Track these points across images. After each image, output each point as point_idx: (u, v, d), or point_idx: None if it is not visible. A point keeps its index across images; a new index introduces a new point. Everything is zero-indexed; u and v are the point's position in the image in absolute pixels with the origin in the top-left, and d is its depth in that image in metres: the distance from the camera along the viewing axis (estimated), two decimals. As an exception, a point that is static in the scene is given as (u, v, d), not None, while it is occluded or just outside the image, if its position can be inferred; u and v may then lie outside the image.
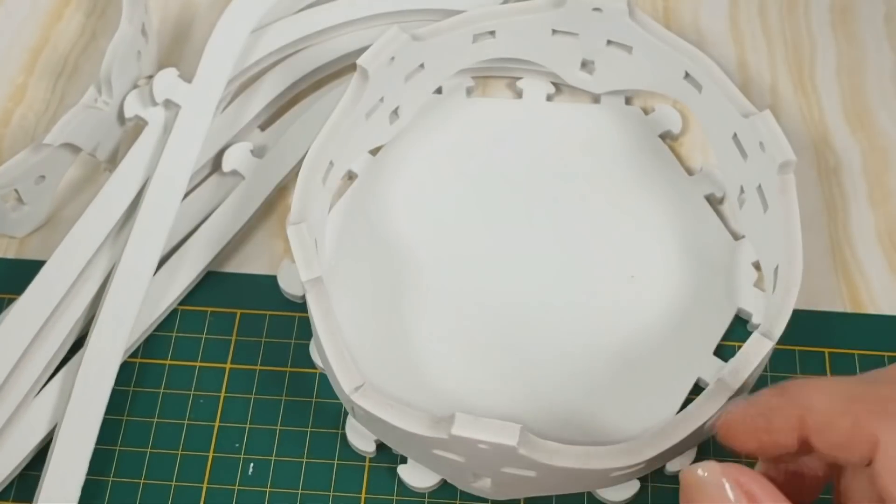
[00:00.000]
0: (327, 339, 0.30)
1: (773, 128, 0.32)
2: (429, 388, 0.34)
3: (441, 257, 0.36)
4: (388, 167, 0.38)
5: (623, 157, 0.38)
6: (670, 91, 0.37)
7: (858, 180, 0.38)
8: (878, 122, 0.40)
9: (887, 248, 0.37)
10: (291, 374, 0.35)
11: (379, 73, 0.34)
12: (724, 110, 0.34)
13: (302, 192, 0.32)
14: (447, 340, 0.34)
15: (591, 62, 0.38)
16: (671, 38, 0.35)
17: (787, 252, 0.31)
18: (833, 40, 0.42)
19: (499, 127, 0.39)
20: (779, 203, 0.32)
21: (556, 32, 0.37)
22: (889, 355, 0.35)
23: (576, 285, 0.35)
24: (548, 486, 0.31)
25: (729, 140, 0.34)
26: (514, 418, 0.33)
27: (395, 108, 0.37)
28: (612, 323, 0.35)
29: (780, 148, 0.32)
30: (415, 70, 0.36)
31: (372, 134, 0.37)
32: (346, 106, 0.34)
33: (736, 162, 0.35)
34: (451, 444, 0.28)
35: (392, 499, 0.33)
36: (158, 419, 0.34)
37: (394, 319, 0.35)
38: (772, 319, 0.30)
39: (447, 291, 0.35)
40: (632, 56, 0.37)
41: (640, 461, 0.28)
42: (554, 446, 0.28)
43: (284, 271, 0.36)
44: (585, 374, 0.34)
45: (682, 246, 0.36)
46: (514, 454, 0.27)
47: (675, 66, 0.35)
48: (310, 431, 0.34)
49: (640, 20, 0.36)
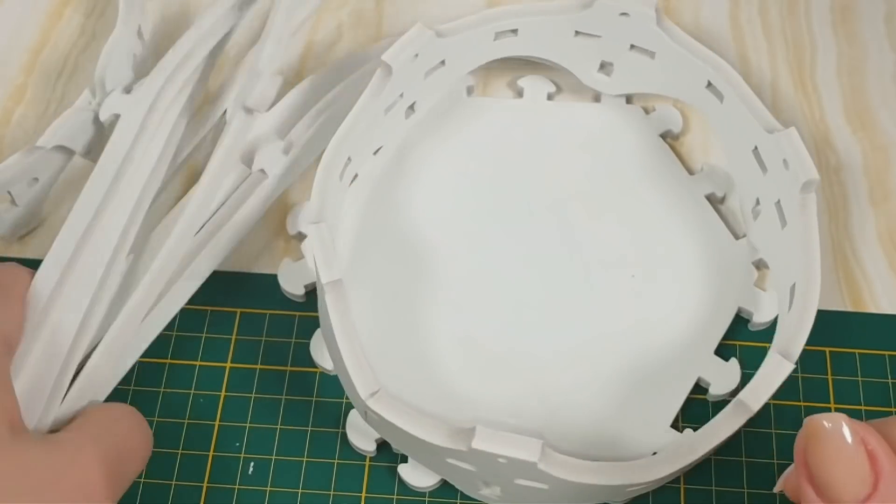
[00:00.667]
0: (344, 343, 0.29)
1: (798, 146, 0.32)
2: (442, 394, 0.33)
3: (448, 259, 0.36)
4: (392, 167, 0.38)
5: (624, 157, 0.38)
6: (689, 98, 0.36)
7: (859, 180, 0.38)
8: (879, 122, 0.40)
9: (888, 247, 0.37)
10: (292, 373, 0.35)
11: (402, 69, 0.34)
12: (746, 123, 0.34)
13: (321, 190, 0.31)
14: (460, 345, 0.34)
15: (610, 64, 0.38)
16: (697, 48, 0.35)
17: (806, 272, 0.31)
18: (834, 40, 0.42)
19: (499, 126, 0.39)
20: (798, 221, 0.32)
21: (578, 34, 0.37)
22: (890, 354, 0.35)
23: (577, 286, 0.35)
24: (559, 498, 0.30)
25: (748, 153, 0.34)
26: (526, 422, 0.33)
27: (412, 103, 0.37)
28: (612, 323, 0.35)
29: (805, 167, 0.32)
30: (435, 66, 0.36)
31: (389, 129, 0.37)
32: (366, 101, 0.34)
33: (754, 175, 0.34)
34: (468, 455, 0.28)
35: (392, 498, 0.33)
36: (159, 418, 0.34)
37: (407, 323, 0.35)
38: (789, 339, 0.30)
39: (455, 293, 0.35)
40: (654, 61, 0.36)
41: (656, 478, 0.28)
42: (573, 462, 0.27)
43: (285, 270, 0.36)
44: (590, 374, 0.34)
45: (682, 245, 0.36)
46: (533, 469, 0.27)
47: (697, 74, 0.35)
48: (310, 431, 0.34)
49: (667, 28, 0.35)
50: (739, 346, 0.35)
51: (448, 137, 0.39)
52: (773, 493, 0.31)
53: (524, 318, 0.35)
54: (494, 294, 0.35)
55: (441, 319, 0.35)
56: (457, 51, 0.36)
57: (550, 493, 0.29)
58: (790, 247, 0.32)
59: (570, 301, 0.35)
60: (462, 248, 0.36)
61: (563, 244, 0.36)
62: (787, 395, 0.34)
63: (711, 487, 0.33)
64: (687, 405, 0.34)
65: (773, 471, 0.33)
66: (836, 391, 0.34)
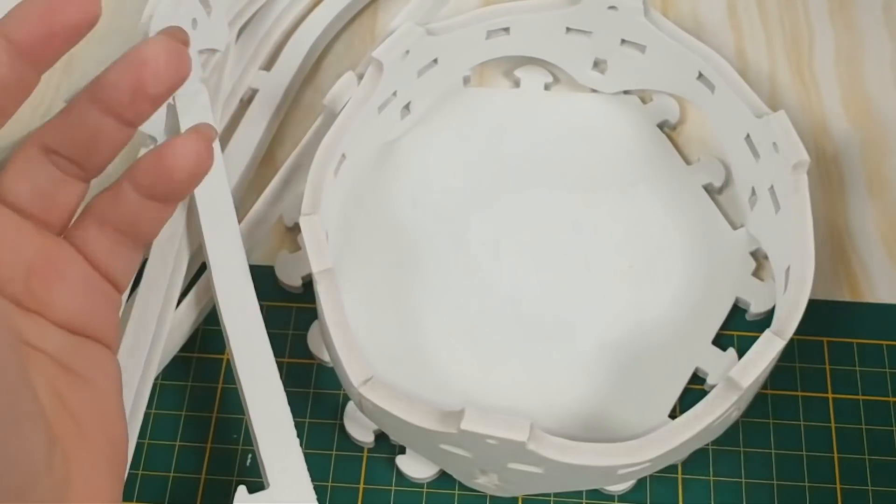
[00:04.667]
0: (336, 332, 0.30)
1: (787, 128, 0.32)
2: (436, 382, 0.34)
3: (443, 248, 0.36)
4: (387, 158, 0.38)
5: (621, 147, 0.38)
6: (683, 91, 0.36)
7: (857, 169, 0.38)
8: (877, 111, 0.39)
9: (886, 236, 0.37)
10: (289, 364, 0.35)
11: (393, 66, 0.34)
12: (738, 111, 0.34)
13: (314, 184, 0.32)
14: (454, 333, 0.34)
15: (604, 61, 0.38)
16: (685, 38, 0.35)
17: (800, 252, 0.31)
18: (832, 29, 0.42)
19: (496, 117, 0.39)
20: (791, 203, 0.32)
21: (569, 30, 0.37)
22: (888, 344, 0.35)
23: (573, 276, 0.35)
24: (554, 483, 0.31)
25: (741, 141, 0.34)
26: (520, 409, 0.33)
27: (407, 103, 0.37)
28: (610, 312, 0.35)
29: (794, 148, 0.32)
30: (428, 65, 0.36)
31: (384, 128, 0.37)
32: (359, 98, 0.34)
33: (748, 163, 0.34)
34: (459, 438, 0.28)
35: (390, 489, 0.33)
36: (156, 410, 0.34)
37: (400, 312, 0.35)
38: (783, 319, 0.30)
39: (449, 282, 0.35)
40: (645, 56, 0.36)
41: (647, 459, 0.28)
42: (562, 442, 0.27)
43: (282, 262, 0.36)
44: (587, 363, 0.34)
45: (680, 235, 0.36)
46: (523, 450, 0.27)
47: (688, 66, 0.35)
48: (308, 422, 0.34)
49: (655, 19, 0.35)
50: (737, 336, 0.35)
51: (444, 128, 0.39)
52: (772, 483, 0.31)
53: (520, 309, 0.35)
54: (490, 284, 0.35)
55: (435, 309, 0.35)
56: (449, 49, 0.36)
57: (545, 478, 0.29)
58: (785, 230, 0.32)
59: (567, 291, 0.35)
60: (457, 237, 0.36)
61: (559, 235, 0.36)
62: (784, 385, 0.34)
63: (709, 478, 0.33)
64: (685, 395, 0.34)
65: (770, 461, 0.33)
66: (834, 381, 0.34)
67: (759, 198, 0.34)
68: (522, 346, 0.34)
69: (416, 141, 0.38)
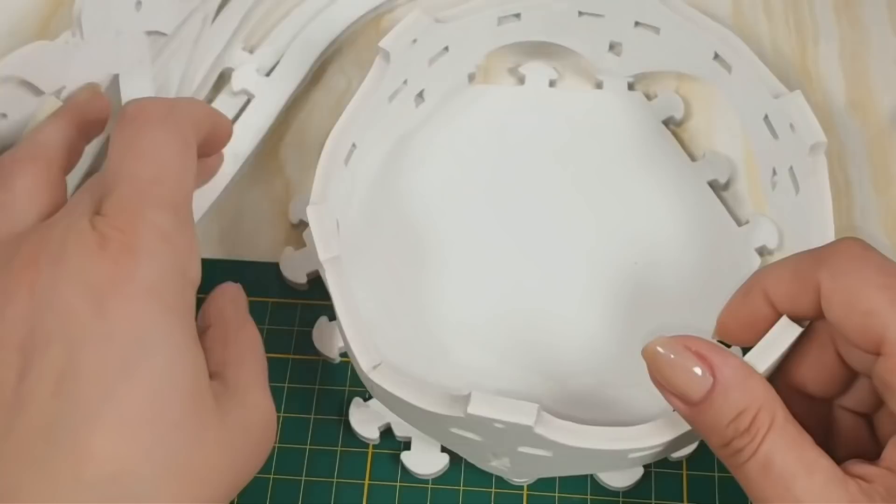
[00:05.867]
0: (346, 318, 0.30)
1: (803, 108, 0.32)
2: (447, 368, 0.34)
3: (451, 241, 0.36)
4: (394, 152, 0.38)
5: (626, 143, 0.38)
6: (699, 72, 0.36)
7: (862, 165, 0.38)
8: (882, 107, 0.39)
9: (891, 232, 0.37)
10: (294, 361, 0.35)
11: (401, 55, 0.34)
12: (755, 91, 0.34)
13: (323, 174, 0.32)
14: (464, 322, 0.35)
15: (619, 44, 0.38)
16: (700, 18, 0.35)
17: (819, 232, 0.31)
18: (836, 25, 0.41)
19: (501, 113, 0.39)
20: (810, 184, 0.32)
21: (582, 14, 0.37)
22: (893, 340, 0.35)
23: (578, 272, 0.35)
24: (564, 467, 0.31)
25: (760, 121, 0.34)
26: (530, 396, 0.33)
27: (420, 91, 0.37)
28: (616, 307, 0.35)
29: (811, 129, 0.32)
30: (439, 53, 0.36)
31: (397, 117, 0.37)
32: (368, 88, 0.34)
33: (768, 143, 0.34)
34: (467, 422, 0.28)
35: (395, 485, 0.33)
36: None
37: (411, 300, 0.35)
38: None
39: (460, 273, 0.35)
40: (659, 37, 0.36)
41: (658, 443, 0.28)
42: (570, 426, 0.27)
43: (287, 258, 0.36)
44: (595, 355, 0.34)
45: (685, 232, 0.36)
46: (530, 434, 0.27)
47: (703, 46, 0.35)
48: (313, 418, 0.34)
49: (668, 0, 0.35)
50: (742, 333, 0.35)
51: (450, 124, 0.39)
52: None
53: (525, 303, 0.35)
54: (497, 274, 0.35)
55: (443, 298, 0.35)
56: (460, 37, 0.36)
57: (555, 462, 0.29)
58: (804, 212, 0.32)
59: (573, 285, 0.35)
60: (463, 231, 0.36)
61: (564, 231, 0.36)
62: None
63: (714, 474, 0.33)
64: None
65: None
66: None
67: (779, 179, 0.34)
68: (531, 335, 0.34)
69: (420, 137, 0.38)
